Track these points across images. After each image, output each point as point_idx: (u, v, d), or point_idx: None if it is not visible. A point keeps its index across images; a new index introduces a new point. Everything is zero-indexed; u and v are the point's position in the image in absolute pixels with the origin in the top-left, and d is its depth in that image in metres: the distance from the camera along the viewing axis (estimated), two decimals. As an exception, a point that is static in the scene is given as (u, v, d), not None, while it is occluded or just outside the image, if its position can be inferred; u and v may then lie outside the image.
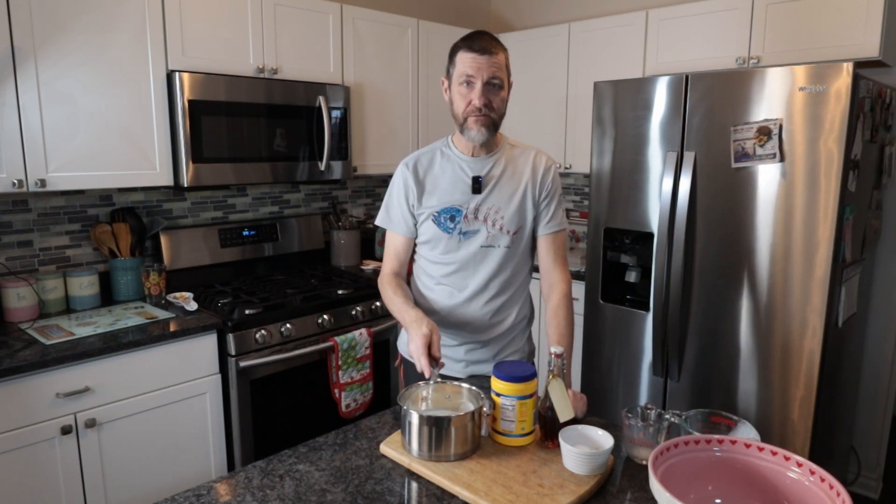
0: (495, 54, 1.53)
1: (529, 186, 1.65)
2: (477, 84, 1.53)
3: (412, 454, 1.25)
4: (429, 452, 1.23)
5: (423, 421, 1.23)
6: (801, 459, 1.02)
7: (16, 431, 1.83)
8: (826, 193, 2.06)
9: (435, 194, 1.64)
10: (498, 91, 1.56)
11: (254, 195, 2.99)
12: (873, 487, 2.77)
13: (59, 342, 1.98)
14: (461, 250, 1.64)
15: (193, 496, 1.14)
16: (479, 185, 1.62)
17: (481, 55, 1.52)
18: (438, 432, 1.22)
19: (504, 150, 1.67)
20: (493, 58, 1.52)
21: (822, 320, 2.11)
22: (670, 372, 2.48)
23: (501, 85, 1.56)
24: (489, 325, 1.68)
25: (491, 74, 1.53)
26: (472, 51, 1.52)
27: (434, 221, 1.64)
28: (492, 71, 1.53)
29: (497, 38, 1.57)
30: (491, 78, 1.53)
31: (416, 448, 1.25)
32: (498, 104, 1.57)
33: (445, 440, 1.23)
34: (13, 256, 2.32)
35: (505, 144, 1.68)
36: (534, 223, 1.68)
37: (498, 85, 1.55)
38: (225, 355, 2.27)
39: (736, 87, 2.20)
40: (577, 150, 3.27)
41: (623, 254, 2.60)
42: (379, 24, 2.96)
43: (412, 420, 1.24)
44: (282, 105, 2.57)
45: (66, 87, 2.08)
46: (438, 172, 1.66)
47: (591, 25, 3.14)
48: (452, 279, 1.67)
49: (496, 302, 1.67)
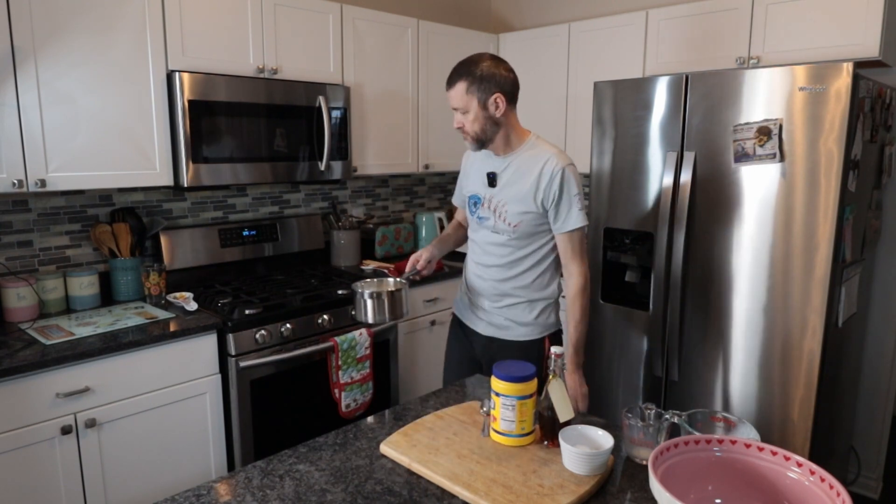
0: (452, 86, 1.81)
1: (533, 189, 1.82)
2: (455, 112, 1.85)
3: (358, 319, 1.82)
4: (364, 316, 1.81)
5: (360, 294, 1.80)
6: (801, 459, 1.02)
7: (16, 431, 1.83)
8: (826, 193, 2.06)
9: (469, 181, 2.00)
10: (464, 115, 1.81)
11: (254, 195, 2.99)
12: (873, 487, 2.77)
13: (59, 342, 1.98)
14: (478, 232, 1.96)
15: (193, 496, 1.14)
16: (493, 179, 1.90)
17: (446, 89, 1.84)
18: (363, 301, 1.79)
19: (521, 152, 1.87)
20: (451, 90, 1.81)
21: (822, 320, 2.11)
22: (670, 372, 2.48)
23: (465, 110, 1.80)
24: (496, 297, 1.95)
25: (453, 105, 1.83)
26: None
27: (466, 203, 2.00)
28: (453, 102, 1.82)
29: (465, 65, 1.80)
30: (454, 107, 1.83)
31: (358, 314, 1.82)
32: (468, 126, 1.82)
33: (371, 307, 1.79)
34: (13, 256, 2.32)
35: (526, 146, 1.87)
36: (546, 222, 1.87)
37: (461, 111, 1.81)
38: (225, 355, 2.27)
39: (736, 87, 2.20)
40: (577, 150, 3.26)
41: (623, 254, 2.60)
42: (379, 24, 2.96)
43: (356, 291, 1.81)
44: (282, 105, 2.57)
45: (66, 87, 2.08)
46: (476, 163, 1.97)
47: (591, 25, 3.14)
48: (472, 253, 2.01)
49: (502, 280, 1.93)
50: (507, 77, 1.79)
